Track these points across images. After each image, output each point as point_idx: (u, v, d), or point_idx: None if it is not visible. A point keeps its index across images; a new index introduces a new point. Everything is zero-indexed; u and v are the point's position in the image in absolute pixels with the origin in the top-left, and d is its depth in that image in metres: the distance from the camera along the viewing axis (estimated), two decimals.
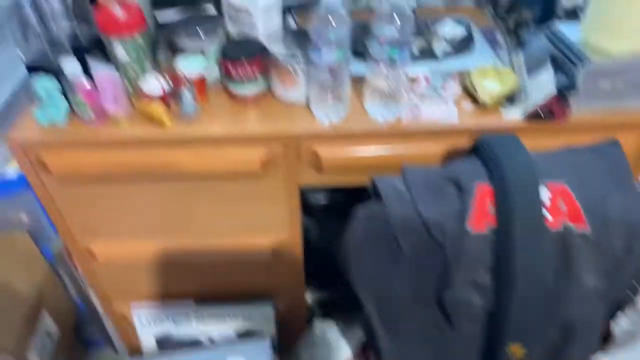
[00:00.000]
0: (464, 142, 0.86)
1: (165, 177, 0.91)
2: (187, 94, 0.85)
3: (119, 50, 0.86)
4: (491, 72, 0.90)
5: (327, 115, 0.87)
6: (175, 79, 0.86)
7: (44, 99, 0.81)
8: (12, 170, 1.06)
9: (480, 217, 0.64)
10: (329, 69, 0.81)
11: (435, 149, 0.88)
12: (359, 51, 0.93)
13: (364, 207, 0.74)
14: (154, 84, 0.88)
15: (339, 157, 0.89)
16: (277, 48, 0.87)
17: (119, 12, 0.83)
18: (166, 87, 0.88)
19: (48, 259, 1.19)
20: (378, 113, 0.88)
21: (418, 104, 0.89)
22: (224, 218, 1.02)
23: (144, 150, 0.87)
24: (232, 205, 0.99)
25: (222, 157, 0.88)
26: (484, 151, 0.71)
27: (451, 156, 0.87)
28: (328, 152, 0.88)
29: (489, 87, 0.88)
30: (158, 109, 0.85)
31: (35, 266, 1.15)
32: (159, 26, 1.02)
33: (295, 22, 1.06)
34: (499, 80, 0.88)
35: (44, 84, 0.81)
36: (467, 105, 0.90)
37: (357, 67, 0.91)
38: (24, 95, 0.93)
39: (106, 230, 1.03)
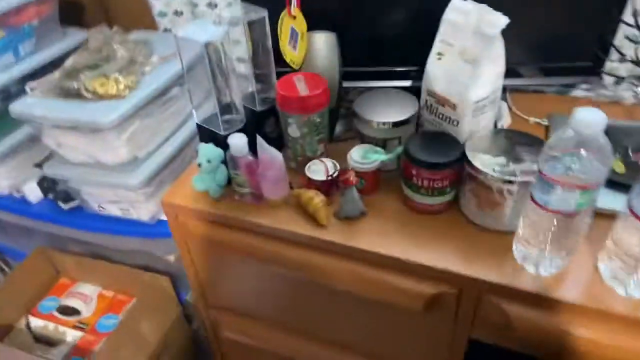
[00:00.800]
0: None
1: (309, 278, 0.75)
2: (353, 194, 0.69)
3: (292, 127, 0.74)
4: None
5: (534, 262, 0.62)
6: (345, 171, 0.70)
7: (204, 167, 0.74)
8: None
9: None
10: (559, 213, 0.55)
11: None
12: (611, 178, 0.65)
13: None
14: (319, 169, 0.74)
15: (539, 325, 0.62)
16: (480, 156, 0.65)
17: (303, 90, 0.71)
18: (332, 175, 0.73)
19: (183, 304, 1.17)
20: (617, 281, 0.59)
21: None
22: (364, 337, 0.83)
23: (291, 246, 0.73)
24: (377, 329, 0.79)
25: (377, 278, 0.69)
26: None
27: None
28: (523, 315, 0.62)
29: None
30: (316, 203, 0.70)
31: (169, 311, 1.12)
32: (344, 97, 0.89)
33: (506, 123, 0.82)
34: None
35: (208, 152, 0.74)
36: None
37: (604, 198, 0.60)
38: (190, 151, 0.89)
39: (236, 305, 0.94)
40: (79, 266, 1.18)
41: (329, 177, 0.73)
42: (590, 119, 0.49)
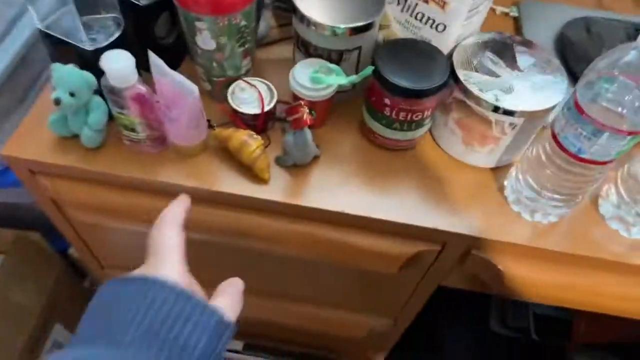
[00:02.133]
0: None
1: (246, 245, 0.57)
2: (307, 138, 0.48)
3: (203, 35, 0.49)
4: None
5: (531, 209, 0.50)
6: (296, 107, 0.48)
7: (66, 104, 0.47)
8: None
9: None
10: (594, 163, 0.42)
11: None
12: None
13: None
14: (250, 97, 0.52)
15: (531, 278, 0.53)
16: (474, 76, 0.48)
17: None
18: (268, 105, 0.52)
19: (69, 256, 0.92)
20: (622, 224, 0.51)
21: None
22: (311, 291, 0.70)
23: (218, 208, 0.53)
24: (330, 286, 0.67)
25: (342, 242, 0.53)
26: None
27: None
28: (514, 268, 0.53)
29: None
30: (253, 151, 0.49)
31: (49, 270, 0.88)
32: None
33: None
34: None
35: (69, 79, 0.46)
36: None
37: None
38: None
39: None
40: None
41: (267, 105, 0.51)
42: None
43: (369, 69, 0.48)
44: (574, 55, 0.62)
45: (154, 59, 0.44)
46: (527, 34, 0.67)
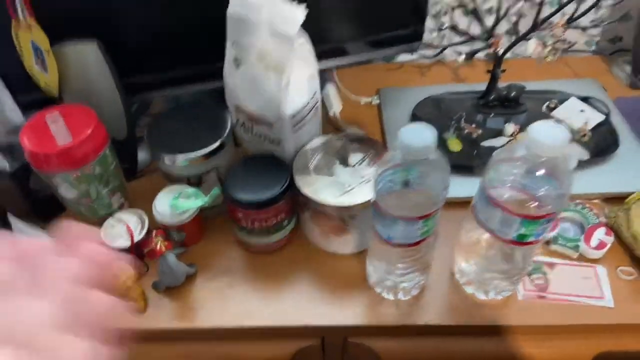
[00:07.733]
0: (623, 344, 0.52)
1: None
2: (169, 263, 0.52)
3: (62, 187, 0.54)
4: None
5: (390, 288, 0.54)
6: (148, 240, 0.53)
7: None
8: None
9: None
10: (404, 246, 0.46)
11: (573, 350, 0.54)
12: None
13: None
14: (118, 232, 0.56)
15: (409, 353, 0.55)
16: (313, 179, 0.53)
17: (62, 136, 0.50)
18: (139, 235, 0.56)
19: None
20: (476, 285, 0.54)
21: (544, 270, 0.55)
22: None
23: None
24: None
25: (224, 357, 0.55)
26: None
27: None
28: (391, 347, 0.55)
29: None
30: (122, 283, 0.53)
31: None
32: (144, 112, 0.70)
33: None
34: None
35: None
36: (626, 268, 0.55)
37: (458, 186, 0.53)
38: None
39: None
40: None
41: (136, 235, 0.55)
42: (417, 143, 0.39)
43: (217, 190, 0.53)
44: None
45: (14, 222, 0.49)
46: (387, 117, 0.75)
